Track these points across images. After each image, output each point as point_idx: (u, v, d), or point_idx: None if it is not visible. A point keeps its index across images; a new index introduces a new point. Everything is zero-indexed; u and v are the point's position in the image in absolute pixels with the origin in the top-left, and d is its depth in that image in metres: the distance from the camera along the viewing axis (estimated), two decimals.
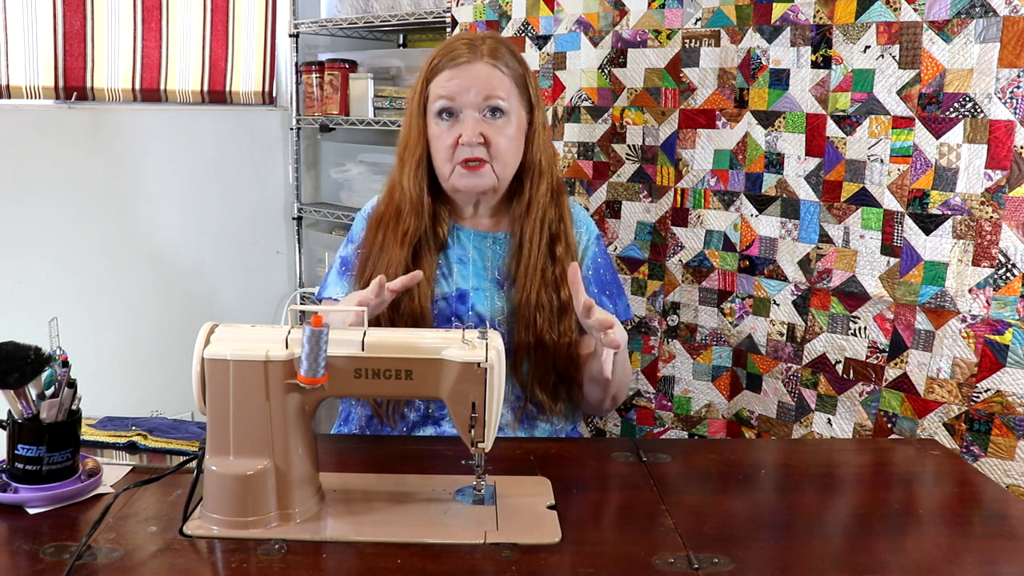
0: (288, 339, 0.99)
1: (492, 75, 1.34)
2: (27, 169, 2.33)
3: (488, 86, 1.33)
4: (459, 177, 1.35)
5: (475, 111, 1.33)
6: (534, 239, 1.38)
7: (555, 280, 1.38)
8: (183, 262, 2.68)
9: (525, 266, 1.38)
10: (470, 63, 1.34)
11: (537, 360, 1.37)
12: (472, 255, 1.42)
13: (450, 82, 1.33)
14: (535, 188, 1.39)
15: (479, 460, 1.05)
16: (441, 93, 1.34)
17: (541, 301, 1.37)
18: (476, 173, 1.34)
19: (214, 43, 2.70)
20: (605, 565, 0.93)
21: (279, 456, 0.99)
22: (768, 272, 1.67)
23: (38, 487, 1.02)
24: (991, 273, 1.40)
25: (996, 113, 1.37)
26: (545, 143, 1.42)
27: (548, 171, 1.41)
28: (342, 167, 2.83)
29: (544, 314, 1.36)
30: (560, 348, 1.38)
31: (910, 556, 0.99)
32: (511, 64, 1.37)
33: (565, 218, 1.42)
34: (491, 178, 1.35)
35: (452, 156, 1.34)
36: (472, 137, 1.32)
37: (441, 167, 1.36)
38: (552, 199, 1.41)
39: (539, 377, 1.37)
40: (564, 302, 1.37)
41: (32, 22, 2.32)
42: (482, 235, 1.43)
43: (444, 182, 1.38)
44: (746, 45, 1.65)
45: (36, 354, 1.00)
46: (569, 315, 1.38)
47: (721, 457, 1.29)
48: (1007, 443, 1.40)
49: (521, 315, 1.37)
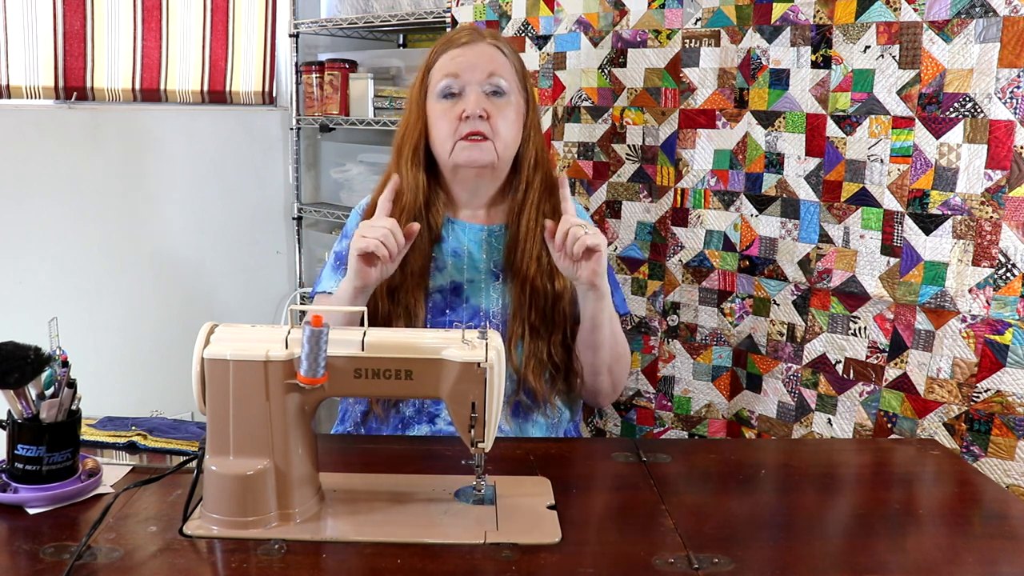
0: (288, 339, 0.99)
1: (495, 55, 1.38)
2: (27, 169, 2.33)
3: (491, 63, 1.36)
4: (461, 150, 1.36)
5: (478, 87, 1.35)
6: (531, 227, 1.40)
7: (550, 268, 1.39)
8: (183, 262, 2.68)
9: (523, 254, 1.39)
10: (472, 43, 1.38)
11: (531, 349, 1.38)
12: (467, 248, 1.43)
13: (454, 60, 1.36)
14: (532, 179, 1.42)
15: (479, 460, 1.05)
16: (446, 71, 1.36)
17: (536, 289, 1.38)
18: (477, 146, 1.35)
19: (214, 43, 2.70)
20: (605, 565, 0.93)
21: (279, 456, 0.99)
22: (768, 272, 1.67)
23: (38, 487, 1.02)
24: (991, 273, 1.40)
25: (996, 113, 1.37)
26: (540, 141, 1.45)
27: (543, 165, 1.44)
28: (342, 167, 2.84)
29: (539, 302, 1.38)
30: (554, 337, 1.39)
31: (910, 556, 0.99)
32: (511, 52, 1.41)
33: (559, 211, 1.43)
34: (491, 153, 1.36)
35: (455, 131, 1.35)
36: (475, 109, 1.33)
37: (442, 145, 1.37)
38: (546, 192, 1.42)
39: (533, 366, 1.38)
40: (558, 291, 1.39)
41: (32, 22, 2.32)
42: (477, 228, 1.44)
43: (445, 160, 1.39)
44: (746, 45, 1.65)
45: (36, 354, 1.00)
46: (564, 303, 1.38)
47: (721, 457, 1.29)
48: (1007, 443, 1.40)
49: (517, 301, 1.38)
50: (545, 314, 1.39)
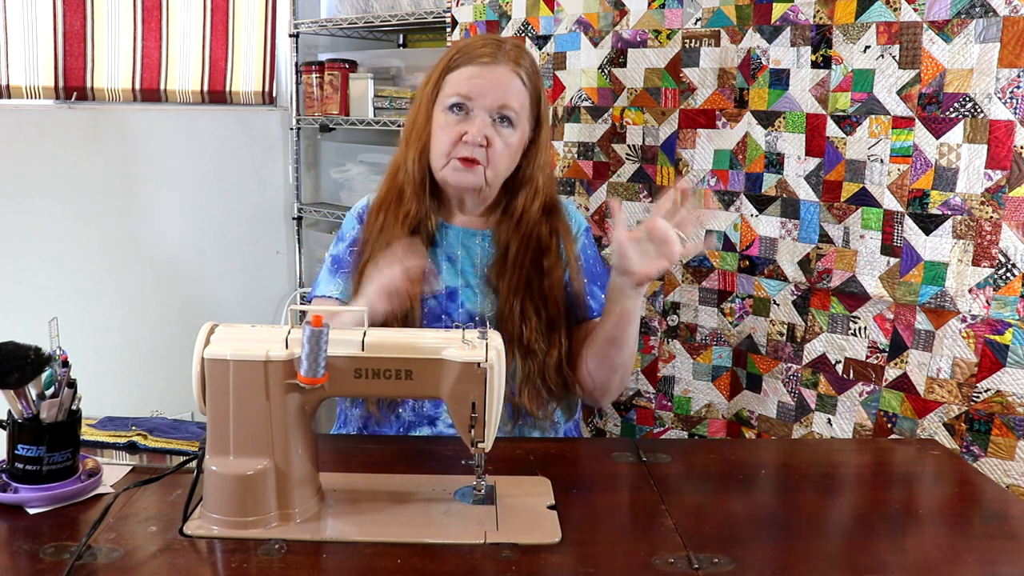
0: (288, 339, 0.99)
1: (512, 83, 1.35)
2: (27, 169, 2.33)
3: (505, 94, 1.34)
4: (452, 170, 1.35)
5: (487, 113, 1.34)
6: (519, 252, 1.38)
7: (542, 292, 1.38)
8: (183, 262, 2.68)
9: (509, 277, 1.38)
10: (493, 63, 1.34)
11: (527, 372, 1.36)
12: (460, 253, 1.43)
13: (470, 80, 1.34)
14: (528, 204, 1.40)
15: (479, 460, 1.05)
16: (459, 90, 1.34)
17: (528, 313, 1.36)
18: (469, 171, 1.35)
19: (214, 43, 2.70)
20: (605, 565, 0.93)
21: (279, 456, 0.99)
22: (768, 272, 1.67)
23: (38, 487, 1.02)
24: (991, 273, 1.40)
25: (996, 113, 1.37)
26: (545, 162, 1.43)
27: (544, 190, 1.42)
28: (342, 167, 2.84)
29: (531, 326, 1.36)
30: (550, 361, 1.37)
31: (910, 556, 0.99)
32: (531, 76, 1.38)
33: (560, 231, 1.43)
34: (480, 180, 1.36)
35: (451, 151, 1.34)
36: (477, 137, 1.32)
37: (437, 157, 1.37)
38: (544, 216, 1.41)
39: (527, 389, 1.36)
40: (552, 316, 1.38)
41: (32, 22, 2.32)
42: (470, 233, 1.44)
43: (436, 171, 1.38)
44: (746, 45, 1.65)
45: (36, 354, 1.00)
46: (558, 329, 1.38)
47: (721, 457, 1.29)
48: (1007, 443, 1.40)
49: (505, 325, 1.36)
50: (539, 336, 1.36)
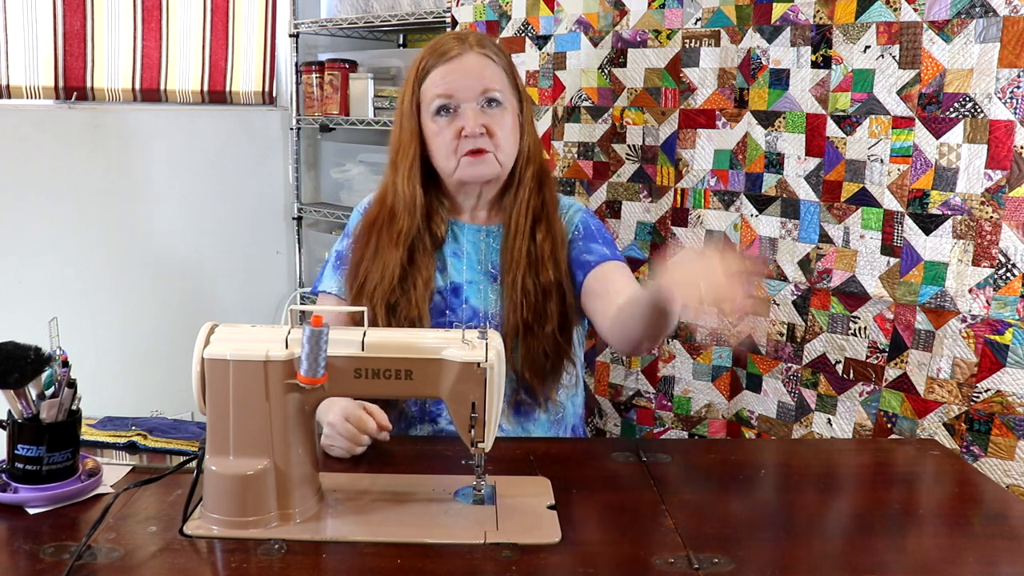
0: (288, 339, 0.99)
1: (485, 66, 1.36)
2: (27, 169, 2.33)
3: (483, 78, 1.35)
4: (465, 167, 1.35)
5: (473, 103, 1.34)
6: (520, 224, 1.39)
7: (537, 262, 1.38)
8: (183, 262, 2.68)
9: (512, 251, 1.39)
10: (461, 55, 1.35)
11: (527, 346, 1.37)
12: (467, 249, 1.43)
13: (445, 79, 1.35)
14: (523, 172, 1.41)
15: (479, 460, 1.05)
16: (437, 92, 1.35)
17: (526, 286, 1.37)
18: (481, 161, 1.35)
19: (214, 43, 2.70)
20: (605, 565, 0.93)
21: (279, 456, 0.99)
22: (768, 272, 1.67)
23: (38, 487, 1.02)
24: (991, 273, 1.40)
25: (996, 113, 1.37)
26: (533, 134, 1.44)
27: (535, 157, 1.43)
28: (342, 167, 2.84)
29: (529, 299, 1.37)
30: (547, 331, 1.38)
31: (910, 556, 0.99)
32: (499, 54, 1.39)
33: (548, 204, 1.43)
34: (495, 166, 1.36)
35: (456, 149, 1.35)
36: (475, 128, 1.33)
37: (444, 163, 1.37)
38: (536, 184, 1.42)
39: (530, 363, 1.37)
40: (545, 285, 1.38)
41: (32, 22, 2.32)
42: (476, 229, 1.44)
43: (449, 177, 1.38)
44: (746, 45, 1.65)
45: (36, 354, 1.01)
46: (552, 297, 1.38)
47: (721, 457, 1.29)
48: (1007, 443, 1.40)
49: (509, 300, 1.38)
50: (536, 310, 1.38)
